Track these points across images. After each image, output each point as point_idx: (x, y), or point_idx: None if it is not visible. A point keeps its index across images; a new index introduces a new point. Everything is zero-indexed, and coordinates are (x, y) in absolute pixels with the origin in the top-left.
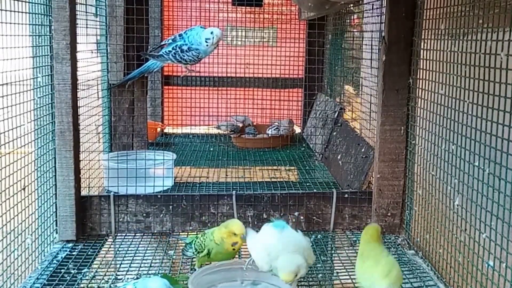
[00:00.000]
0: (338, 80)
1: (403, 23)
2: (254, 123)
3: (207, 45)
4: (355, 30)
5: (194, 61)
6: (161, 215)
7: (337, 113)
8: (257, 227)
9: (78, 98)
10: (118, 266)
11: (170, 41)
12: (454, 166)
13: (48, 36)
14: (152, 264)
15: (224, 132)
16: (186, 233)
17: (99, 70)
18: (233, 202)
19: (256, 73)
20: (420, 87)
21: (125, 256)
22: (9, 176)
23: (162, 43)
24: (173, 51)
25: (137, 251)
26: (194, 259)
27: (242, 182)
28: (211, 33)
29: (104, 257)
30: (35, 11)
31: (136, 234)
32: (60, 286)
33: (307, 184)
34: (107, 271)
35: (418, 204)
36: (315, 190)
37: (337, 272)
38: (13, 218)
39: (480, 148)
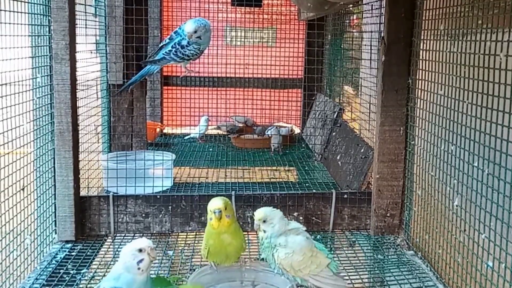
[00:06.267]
0: (337, 81)
1: (403, 24)
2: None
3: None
4: (354, 31)
5: (196, 54)
6: (160, 216)
7: (336, 113)
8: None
9: (77, 99)
10: None
11: (168, 40)
12: (454, 166)
13: (47, 37)
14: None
15: (224, 133)
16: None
17: (98, 70)
18: (232, 202)
19: (255, 74)
20: (420, 87)
21: None
22: (8, 176)
23: (160, 45)
24: (173, 49)
25: None
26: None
27: (241, 183)
28: (184, 29)
29: (103, 257)
30: (34, 12)
31: (135, 235)
32: (59, 286)
33: (306, 184)
34: (106, 272)
35: (417, 204)
36: (314, 191)
37: None
38: (12, 218)
39: (479, 149)
